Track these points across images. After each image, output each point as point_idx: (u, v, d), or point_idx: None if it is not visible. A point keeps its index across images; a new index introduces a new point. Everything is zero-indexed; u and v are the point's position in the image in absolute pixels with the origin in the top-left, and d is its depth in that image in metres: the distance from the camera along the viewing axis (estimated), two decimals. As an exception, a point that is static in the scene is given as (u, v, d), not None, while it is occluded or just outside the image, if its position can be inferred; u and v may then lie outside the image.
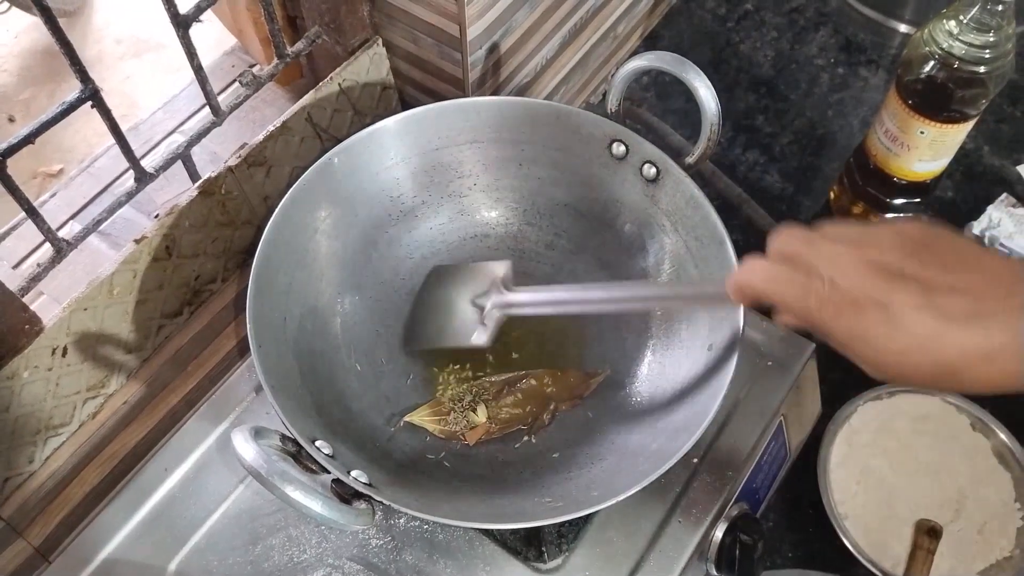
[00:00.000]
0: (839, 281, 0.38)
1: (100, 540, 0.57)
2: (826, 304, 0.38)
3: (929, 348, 0.36)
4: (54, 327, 0.57)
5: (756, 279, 0.42)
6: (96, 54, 1.91)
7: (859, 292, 0.37)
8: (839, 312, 0.38)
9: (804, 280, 0.39)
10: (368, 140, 0.61)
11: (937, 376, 0.36)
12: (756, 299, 0.43)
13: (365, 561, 0.56)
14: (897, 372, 0.38)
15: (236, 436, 0.45)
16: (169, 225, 0.62)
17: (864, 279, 0.37)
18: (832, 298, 0.38)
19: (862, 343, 0.38)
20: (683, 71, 0.56)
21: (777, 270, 0.41)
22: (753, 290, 0.42)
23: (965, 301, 0.36)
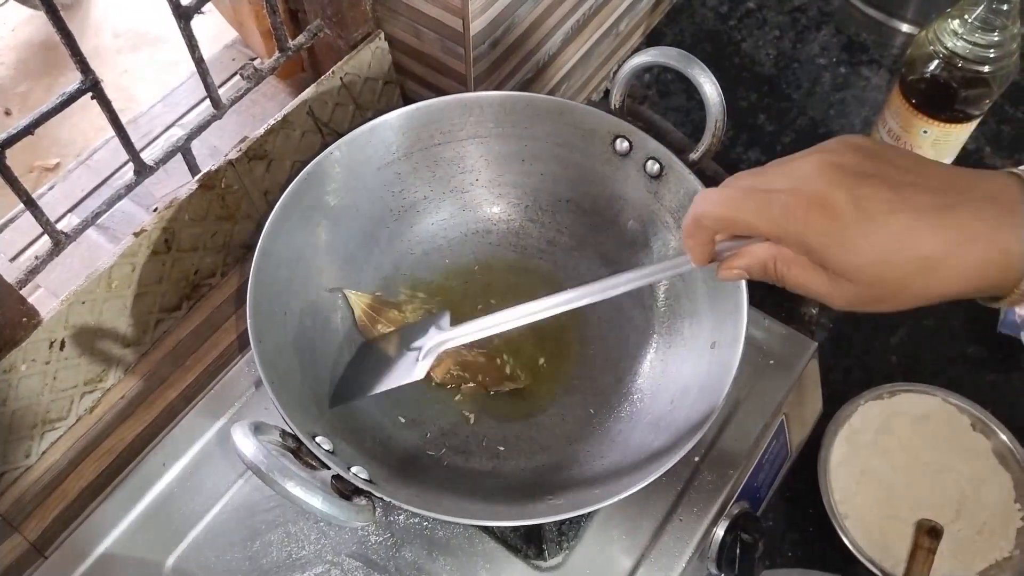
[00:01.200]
0: (803, 186, 0.36)
1: (97, 535, 0.57)
2: (794, 211, 0.36)
3: (906, 242, 0.35)
4: (52, 320, 0.57)
5: (711, 205, 0.39)
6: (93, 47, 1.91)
7: (826, 192, 0.35)
8: (809, 216, 0.36)
9: (765, 195, 0.37)
10: (369, 134, 0.61)
11: (915, 273, 0.35)
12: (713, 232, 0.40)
13: (364, 558, 0.55)
14: (874, 274, 0.35)
15: (236, 431, 0.45)
16: (168, 218, 0.61)
17: (829, 179, 0.36)
18: (800, 203, 0.36)
19: (838, 247, 0.35)
20: (688, 67, 0.56)
21: (733, 192, 0.38)
22: (710, 218, 0.39)
23: (931, 196, 0.35)
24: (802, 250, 0.37)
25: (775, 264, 0.39)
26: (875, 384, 0.70)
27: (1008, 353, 0.74)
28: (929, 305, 0.37)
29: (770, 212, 0.37)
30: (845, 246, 0.35)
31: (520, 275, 0.64)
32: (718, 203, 0.39)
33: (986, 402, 0.69)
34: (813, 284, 0.38)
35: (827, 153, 0.37)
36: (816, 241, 0.36)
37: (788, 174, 0.37)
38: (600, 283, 0.47)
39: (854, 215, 0.35)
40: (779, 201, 0.36)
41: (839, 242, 0.35)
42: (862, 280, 0.36)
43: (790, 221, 0.36)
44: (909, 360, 0.75)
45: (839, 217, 0.35)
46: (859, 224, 0.35)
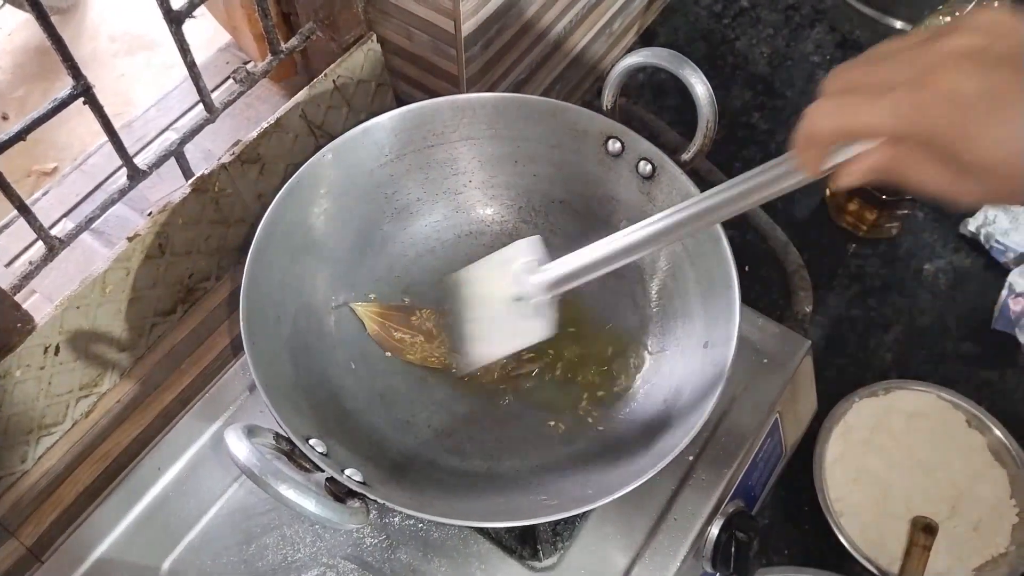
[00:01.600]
0: (930, 78, 0.33)
1: (93, 539, 0.57)
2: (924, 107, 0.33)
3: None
4: (46, 325, 0.57)
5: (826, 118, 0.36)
6: (90, 52, 1.90)
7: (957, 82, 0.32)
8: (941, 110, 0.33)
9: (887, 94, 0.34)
10: (362, 137, 0.61)
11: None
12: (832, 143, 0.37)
13: (360, 560, 0.55)
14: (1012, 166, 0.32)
15: (229, 435, 0.45)
16: (162, 223, 0.61)
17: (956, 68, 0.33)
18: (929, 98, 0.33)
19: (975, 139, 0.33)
20: (679, 67, 0.56)
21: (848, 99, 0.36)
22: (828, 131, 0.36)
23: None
24: (931, 146, 0.34)
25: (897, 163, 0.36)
26: (870, 381, 0.70)
27: (1002, 350, 0.74)
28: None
29: (894, 112, 0.34)
30: (978, 139, 0.33)
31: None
32: (835, 113, 0.36)
33: (981, 398, 0.69)
34: (938, 182, 0.35)
35: (952, 37, 0.34)
36: (947, 136, 0.33)
37: (908, 64, 0.34)
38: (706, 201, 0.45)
39: (987, 105, 0.32)
40: (903, 98, 0.34)
41: (972, 135, 0.33)
42: (997, 173, 0.33)
43: (921, 118, 0.34)
44: (903, 357, 0.75)
45: (971, 108, 0.32)
46: (993, 113, 0.32)
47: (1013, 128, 0.32)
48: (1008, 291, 0.74)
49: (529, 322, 0.53)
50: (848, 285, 0.79)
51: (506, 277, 0.54)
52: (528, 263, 0.53)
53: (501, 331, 0.55)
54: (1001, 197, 0.35)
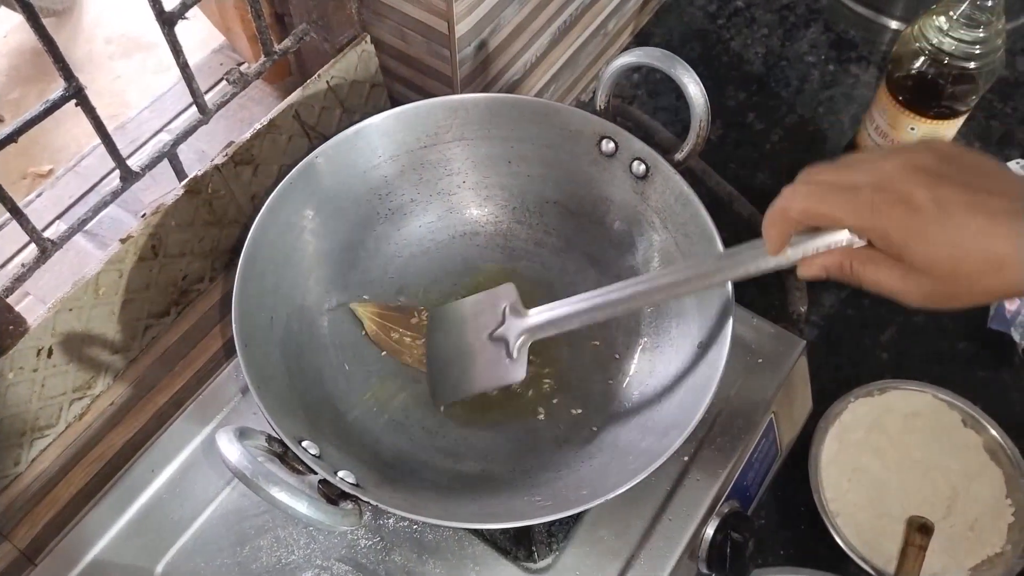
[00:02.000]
0: (888, 183, 0.39)
1: (87, 542, 0.56)
2: (879, 206, 0.38)
3: (980, 241, 0.37)
4: (39, 328, 0.57)
5: (799, 199, 0.41)
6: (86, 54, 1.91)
7: (910, 190, 0.38)
8: (893, 211, 0.38)
9: (851, 190, 0.40)
10: (355, 138, 0.60)
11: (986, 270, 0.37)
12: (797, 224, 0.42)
13: (354, 562, 0.55)
14: (949, 268, 0.38)
15: (220, 437, 0.45)
16: (155, 224, 0.61)
17: (913, 178, 0.38)
18: (885, 199, 0.38)
19: (919, 239, 0.38)
20: (671, 67, 0.56)
21: (819, 187, 0.41)
22: (797, 210, 0.42)
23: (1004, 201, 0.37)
24: (883, 244, 0.39)
25: (852, 263, 0.41)
26: (865, 381, 0.70)
27: (998, 349, 0.74)
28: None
29: (856, 206, 0.39)
30: (925, 239, 0.38)
31: (508, 277, 0.64)
32: (806, 197, 0.41)
33: (976, 398, 0.69)
34: (889, 281, 0.40)
35: (909, 154, 0.40)
36: (898, 235, 0.38)
37: (871, 171, 0.40)
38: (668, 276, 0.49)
39: (935, 212, 0.37)
40: (865, 196, 0.39)
41: (920, 235, 0.38)
42: (937, 274, 0.38)
43: (875, 215, 0.39)
44: (899, 357, 0.75)
45: (921, 213, 0.38)
46: (939, 221, 0.37)
47: (953, 234, 0.37)
48: (1003, 290, 0.74)
49: (504, 364, 0.55)
50: (843, 284, 0.79)
51: (488, 317, 0.56)
52: (510, 305, 0.56)
53: (475, 369, 0.56)
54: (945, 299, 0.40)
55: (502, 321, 0.56)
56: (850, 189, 0.40)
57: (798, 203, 0.41)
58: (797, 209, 0.42)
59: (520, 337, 0.55)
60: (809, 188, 0.41)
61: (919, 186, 0.38)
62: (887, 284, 0.40)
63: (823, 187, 0.41)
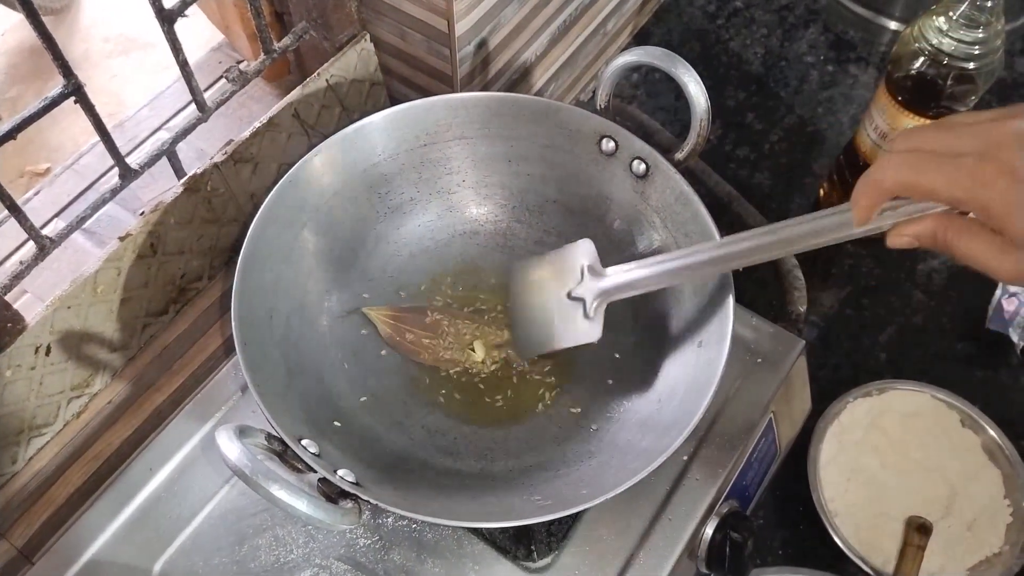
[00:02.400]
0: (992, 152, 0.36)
1: (84, 541, 0.56)
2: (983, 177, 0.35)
3: None
4: (37, 325, 0.57)
5: (894, 170, 0.38)
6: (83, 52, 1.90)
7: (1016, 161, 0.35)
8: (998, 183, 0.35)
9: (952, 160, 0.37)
10: (355, 136, 0.60)
11: None
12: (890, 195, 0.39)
13: (353, 561, 0.55)
14: None
15: (220, 435, 0.45)
16: (154, 222, 0.61)
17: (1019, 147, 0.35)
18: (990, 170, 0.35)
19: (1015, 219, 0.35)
20: (672, 66, 0.56)
21: (917, 156, 0.38)
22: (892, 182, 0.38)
23: None
24: (984, 216, 0.37)
25: (946, 232, 0.39)
26: (864, 381, 0.70)
27: (996, 349, 0.74)
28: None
29: (958, 178, 0.36)
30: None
31: (508, 276, 0.64)
32: (902, 167, 0.38)
33: (975, 398, 0.69)
34: (983, 254, 0.38)
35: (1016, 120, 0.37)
36: (1002, 207, 0.36)
37: (976, 136, 0.37)
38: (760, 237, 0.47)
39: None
40: (968, 166, 0.36)
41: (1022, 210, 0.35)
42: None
43: (979, 187, 0.36)
44: (898, 357, 0.75)
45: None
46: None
47: None
48: (1002, 291, 0.74)
49: (581, 323, 0.55)
50: (842, 285, 0.79)
51: (567, 275, 0.56)
52: (589, 265, 0.55)
53: (552, 326, 0.57)
54: None
55: (580, 279, 0.55)
56: (951, 158, 0.37)
57: (893, 174, 0.38)
58: (892, 180, 0.39)
59: (597, 298, 0.54)
60: (905, 157, 0.38)
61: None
62: (983, 257, 0.38)
63: (921, 156, 0.38)
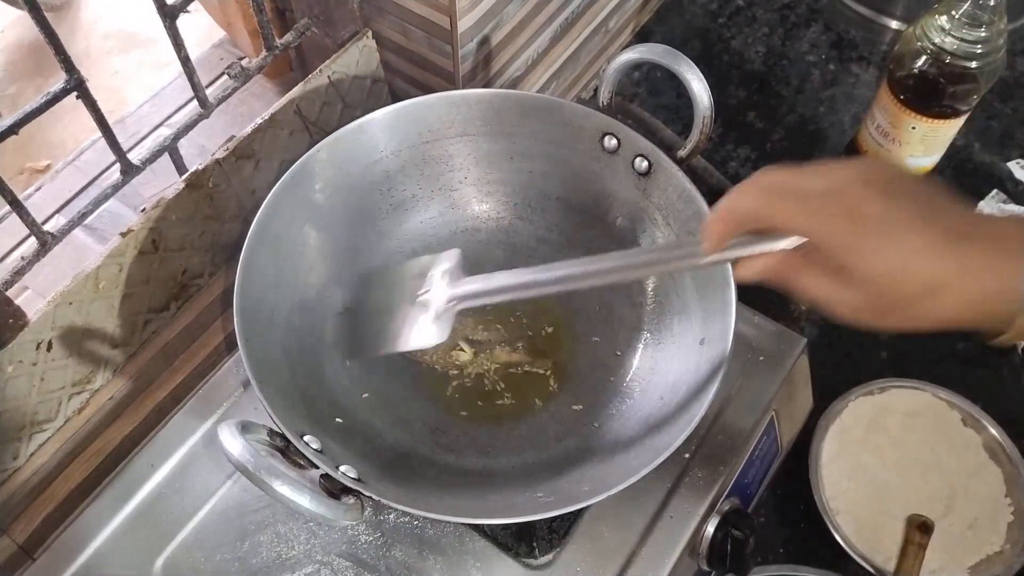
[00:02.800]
0: (838, 192, 0.39)
1: (85, 537, 0.56)
2: (826, 213, 0.38)
3: (918, 262, 0.37)
4: (39, 321, 0.56)
5: (748, 200, 0.41)
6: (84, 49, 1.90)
7: (859, 201, 0.38)
8: (838, 220, 0.38)
9: (801, 195, 0.39)
10: (357, 133, 0.60)
11: (922, 293, 0.38)
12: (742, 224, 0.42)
13: (354, 557, 0.55)
14: (884, 284, 0.38)
15: (223, 430, 0.45)
16: (155, 218, 0.61)
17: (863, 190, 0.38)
18: (833, 207, 0.38)
19: (858, 251, 0.38)
20: (675, 63, 0.56)
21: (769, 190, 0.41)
22: (745, 211, 0.41)
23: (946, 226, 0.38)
24: (826, 250, 0.39)
25: (789, 270, 0.42)
26: (865, 380, 0.70)
27: (998, 349, 0.74)
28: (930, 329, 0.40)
29: (804, 211, 0.39)
30: (868, 250, 0.38)
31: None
32: (756, 198, 0.41)
33: (976, 397, 0.69)
34: (823, 289, 0.41)
35: (863, 168, 0.40)
36: (840, 243, 0.38)
37: (824, 178, 0.40)
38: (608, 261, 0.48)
39: (880, 225, 0.38)
40: (814, 202, 0.39)
41: (862, 246, 0.38)
42: (872, 288, 0.39)
43: (821, 222, 0.39)
44: (899, 356, 0.75)
45: (867, 223, 0.38)
46: (883, 234, 0.38)
47: (895, 249, 0.37)
48: (1003, 290, 0.74)
49: (424, 327, 0.53)
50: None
51: (418, 281, 0.55)
52: (445, 272, 0.54)
53: (393, 328, 0.55)
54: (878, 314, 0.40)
55: (431, 287, 0.54)
56: (800, 194, 0.39)
57: (746, 204, 0.41)
58: (744, 210, 0.41)
59: (447, 302, 0.53)
60: (758, 190, 0.41)
61: (868, 198, 0.38)
62: (822, 293, 0.41)
63: (773, 190, 0.40)
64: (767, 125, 0.88)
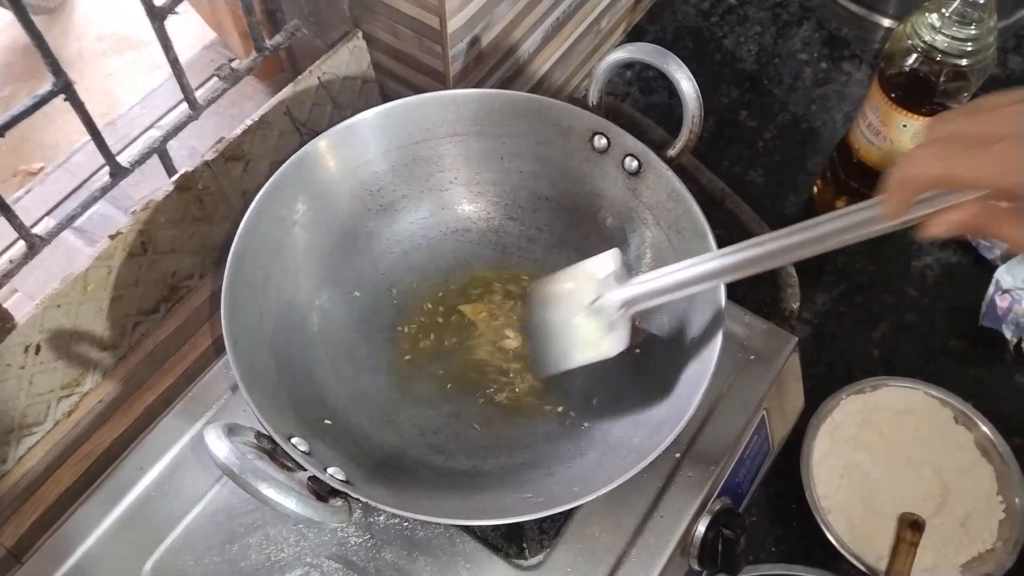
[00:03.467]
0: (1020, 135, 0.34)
1: (74, 540, 0.56)
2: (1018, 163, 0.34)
3: None
4: (27, 324, 0.56)
5: (924, 165, 0.37)
6: (77, 51, 1.89)
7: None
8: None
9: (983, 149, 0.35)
10: (346, 133, 0.60)
11: None
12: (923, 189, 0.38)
13: (344, 559, 0.55)
14: None
15: (209, 433, 0.44)
16: (145, 220, 0.61)
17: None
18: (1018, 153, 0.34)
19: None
20: (664, 63, 0.55)
21: (950, 148, 0.36)
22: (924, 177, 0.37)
23: None
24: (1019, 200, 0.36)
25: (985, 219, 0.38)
26: (857, 378, 0.70)
27: (989, 346, 0.74)
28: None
29: (989, 165, 0.35)
30: None
31: (500, 273, 0.64)
32: (937, 160, 0.37)
33: (968, 395, 0.69)
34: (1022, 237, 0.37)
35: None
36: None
37: (1012, 120, 0.36)
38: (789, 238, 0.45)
39: None
40: (1008, 152, 0.35)
41: None
42: None
43: (1013, 173, 0.35)
44: (891, 354, 0.75)
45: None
46: None
47: None
48: (995, 288, 0.74)
49: (603, 335, 0.52)
50: (836, 282, 0.79)
51: (587, 287, 0.53)
52: (610, 276, 0.52)
53: (574, 340, 0.54)
54: None
55: (600, 292, 0.52)
56: (981, 146, 0.35)
57: (927, 167, 0.37)
58: (927, 175, 0.37)
59: (620, 309, 0.51)
60: (939, 149, 0.37)
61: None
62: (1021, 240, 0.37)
63: (951, 147, 0.36)
64: (759, 124, 0.88)
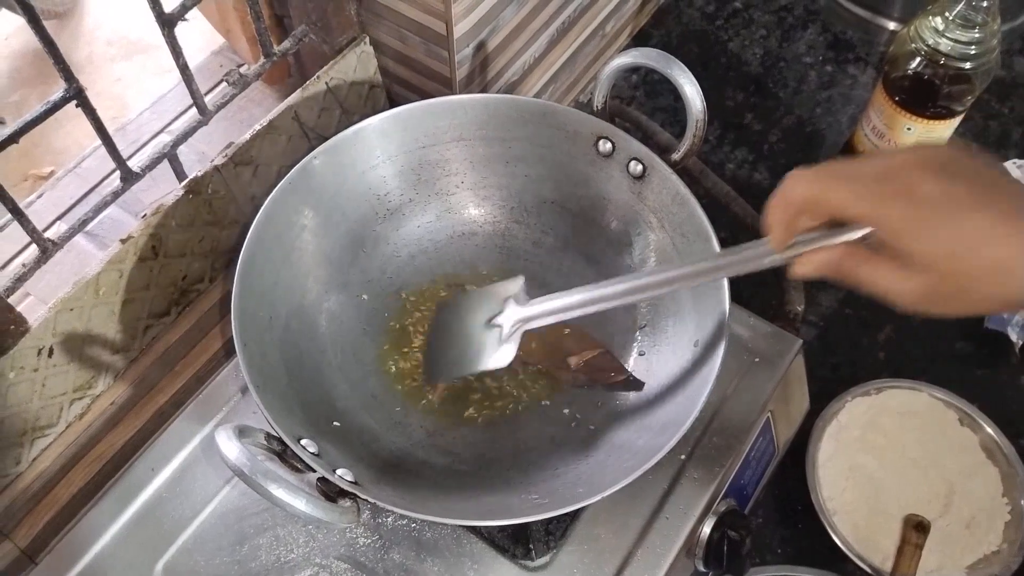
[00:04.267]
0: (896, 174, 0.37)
1: (87, 541, 0.57)
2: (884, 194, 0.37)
3: (984, 240, 0.36)
4: (40, 327, 0.57)
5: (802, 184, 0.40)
6: (87, 56, 1.91)
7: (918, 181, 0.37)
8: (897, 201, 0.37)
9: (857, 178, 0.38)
10: (354, 138, 0.61)
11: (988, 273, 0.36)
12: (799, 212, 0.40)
13: (353, 560, 0.56)
14: (948, 267, 0.37)
15: (220, 435, 0.45)
16: (155, 225, 0.61)
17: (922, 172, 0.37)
18: (891, 188, 0.37)
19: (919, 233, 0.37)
20: (668, 67, 0.56)
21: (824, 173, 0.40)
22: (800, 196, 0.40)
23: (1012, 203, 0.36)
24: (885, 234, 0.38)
25: (850, 262, 0.41)
26: (862, 380, 0.70)
27: (995, 348, 0.74)
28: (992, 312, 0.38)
29: (860, 193, 0.38)
30: (926, 233, 0.37)
31: (507, 276, 0.64)
32: (810, 182, 0.40)
33: (973, 397, 0.69)
34: (885, 280, 0.39)
35: (919, 151, 0.39)
36: (898, 227, 0.37)
37: (882, 162, 0.39)
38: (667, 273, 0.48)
39: (939, 205, 0.36)
40: (871, 184, 0.38)
41: (921, 228, 0.37)
42: (935, 271, 0.37)
43: (878, 205, 0.37)
44: (896, 356, 0.75)
45: (925, 205, 0.36)
46: (944, 214, 0.36)
47: (957, 230, 0.36)
48: (1000, 290, 0.74)
49: (495, 348, 0.54)
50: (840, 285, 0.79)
51: (490, 304, 0.56)
52: (511, 298, 0.55)
53: (461, 352, 0.56)
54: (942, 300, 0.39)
55: (501, 309, 0.55)
56: (855, 177, 0.39)
57: (801, 189, 0.40)
58: (799, 195, 0.40)
59: (515, 324, 0.54)
60: (812, 174, 0.40)
61: (925, 179, 0.37)
62: (884, 283, 0.40)
63: (827, 174, 0.39)
64: (764, 127, 0.88)
